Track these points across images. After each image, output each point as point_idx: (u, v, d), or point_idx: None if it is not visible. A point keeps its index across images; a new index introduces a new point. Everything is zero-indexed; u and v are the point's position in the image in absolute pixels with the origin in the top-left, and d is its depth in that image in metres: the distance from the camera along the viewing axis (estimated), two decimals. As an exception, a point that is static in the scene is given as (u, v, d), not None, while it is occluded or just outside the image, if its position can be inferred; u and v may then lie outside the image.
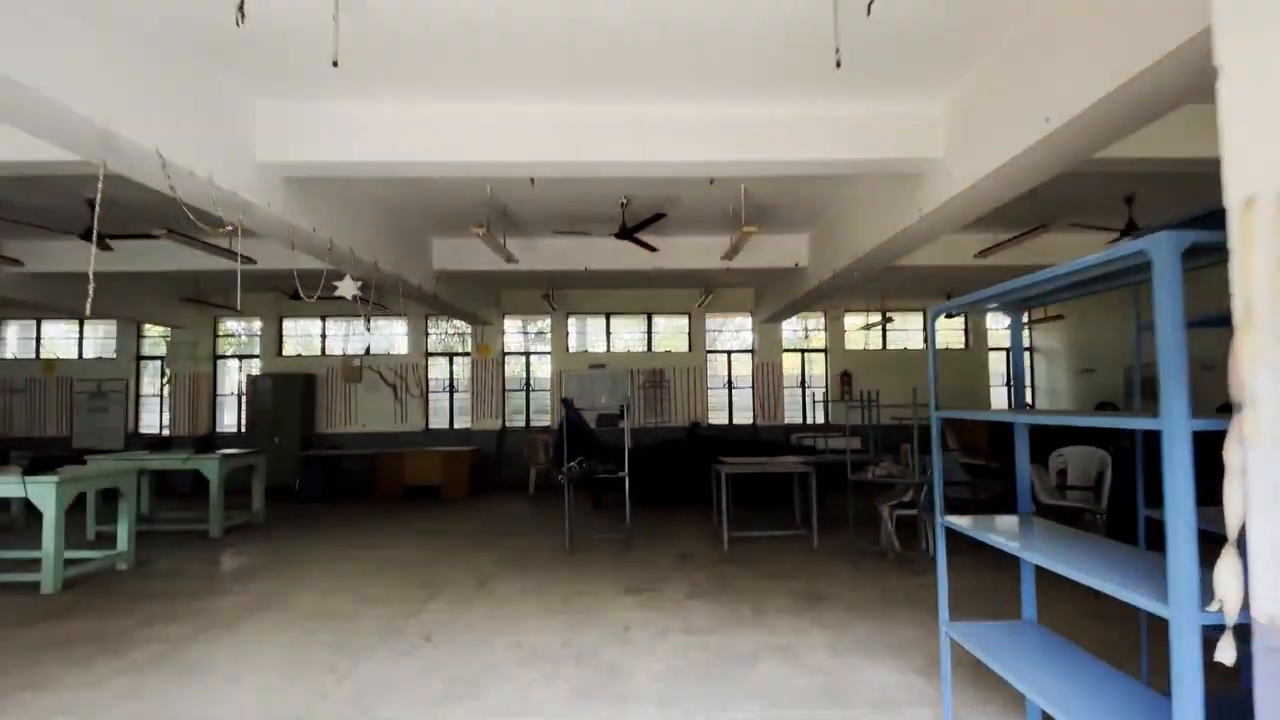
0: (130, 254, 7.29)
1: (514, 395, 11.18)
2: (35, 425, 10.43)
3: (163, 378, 10.79)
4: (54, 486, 4.75)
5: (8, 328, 10.71)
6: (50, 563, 4.70)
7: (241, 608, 4.41)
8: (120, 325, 10.74)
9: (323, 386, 10.80)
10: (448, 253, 7.63)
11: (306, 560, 5.77)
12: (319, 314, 10.98)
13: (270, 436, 10.05)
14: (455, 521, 7.58)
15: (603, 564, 5.47)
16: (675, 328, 11.37)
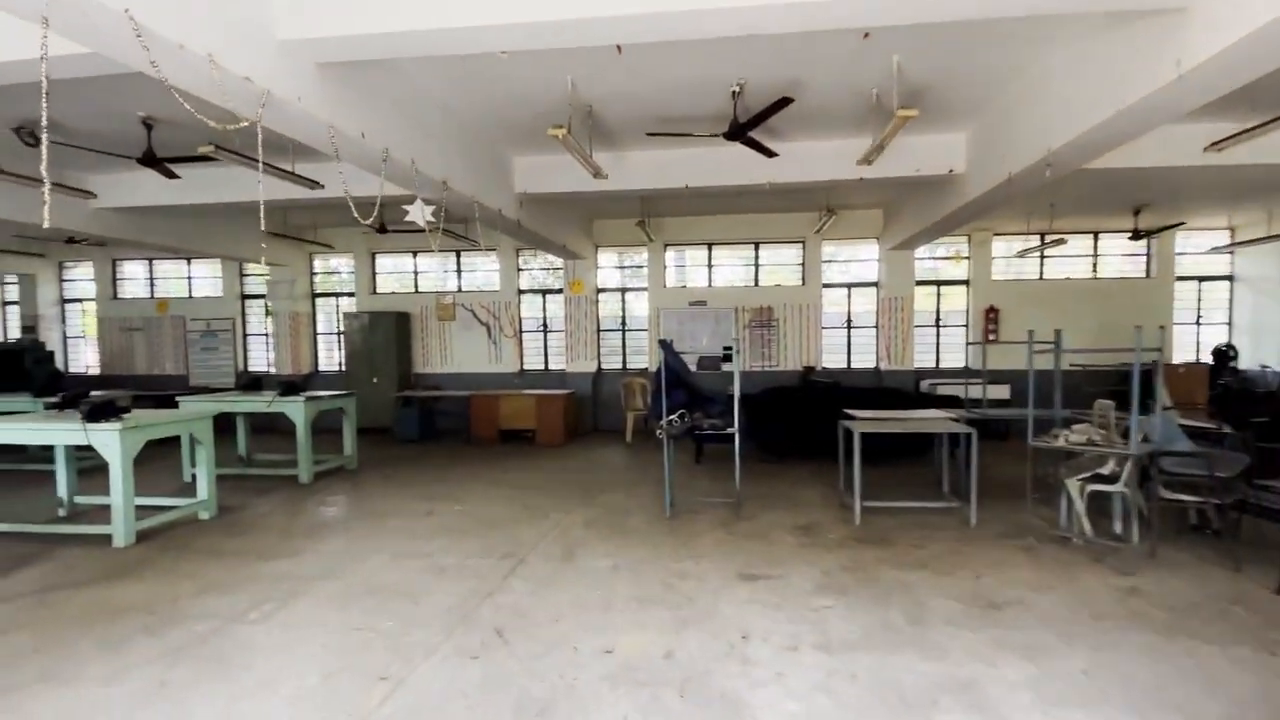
0: (203, 184, 6.92)
1: (609, 336, 10.36)
2: (155, 363, 10.88)
3: (266, 316, 10.86)
4: (117, 434, 4.41)
5: (123, 267, 11.11)
6: (120, 515, 4.42)
7: (305, 576, 3.90)
8: (224, 264, 10.84)
9: (417, 325, 10.47)
10: (530, 173, 6.69)
11: (387, 514, 5.29)
12: (410, 249, 10.54)
13: (368, 375, 9.89)
14: (548, 472, 6.94)
15: (708, 536, 4.56)
16: (786, 259, 9.97)
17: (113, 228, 7.44)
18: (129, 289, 11.18)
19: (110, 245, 10.26)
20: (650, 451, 8.00)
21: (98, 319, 11.09)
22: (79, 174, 6.86)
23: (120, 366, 10.92)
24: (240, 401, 6.56)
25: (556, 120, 4.94)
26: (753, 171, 6.25)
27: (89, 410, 4.44)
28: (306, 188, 5.86)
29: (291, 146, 5.89)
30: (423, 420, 9.31)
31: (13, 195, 6.31)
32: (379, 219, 9.06)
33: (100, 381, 10.65)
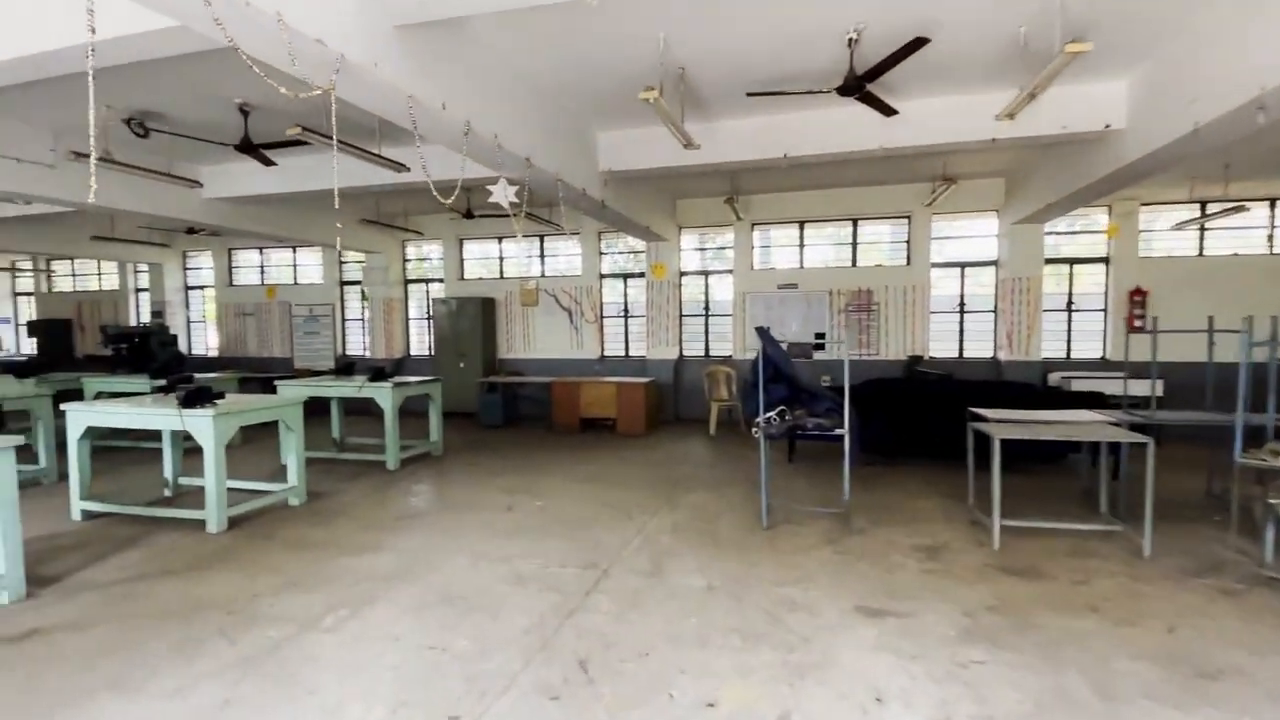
0: (299, 172, 6.91)
1: (691, 321, 9.79)
2: (264, 346, 11.37)
3: (362, 301, 11.07)
4: (210, 421, 4.33)
5: (237, 255, 11.63)
6: (213, 501, 4.36)
7: (383, 575, 3.64)
8: (325, 252, 11.11)
9: (502, 310, 10.33)
10: (615, 148, 6.19)
11: (468, 506, 5.03)
12: (495, 235, 10.38)
13: (455, 360, 9.85)
14: (629, 465, 6.52)
15: (814, 554, 3.95)
16: (889, 236, 8.98)
17: (222, 217, 7.62)
18: (242, 276, 11.72)
19: (225, 235, 10.74)
20: (736, 445, 7.41)
21: (216, 304, 11.71)
22: (189, 165, 7.01)
23: (235, 349, 11.50)
24: (332, 386, 6.53)
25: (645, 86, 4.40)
26: (863, 136, 5.47)
27: (184, 396, 4.39)
28: (392, 170, 5.64)
29: (378, 129, 5.71)
30: (506, 406, 9.14)
31: (131, 186, 6.50)
32: (465, 204, 8.94)
33: (217, 363, 11.25)
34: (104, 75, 4.94)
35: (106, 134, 5.65)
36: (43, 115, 5.47)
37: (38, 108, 5.32)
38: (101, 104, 5.31)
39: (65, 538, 4.32)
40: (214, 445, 4.33)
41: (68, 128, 5.66)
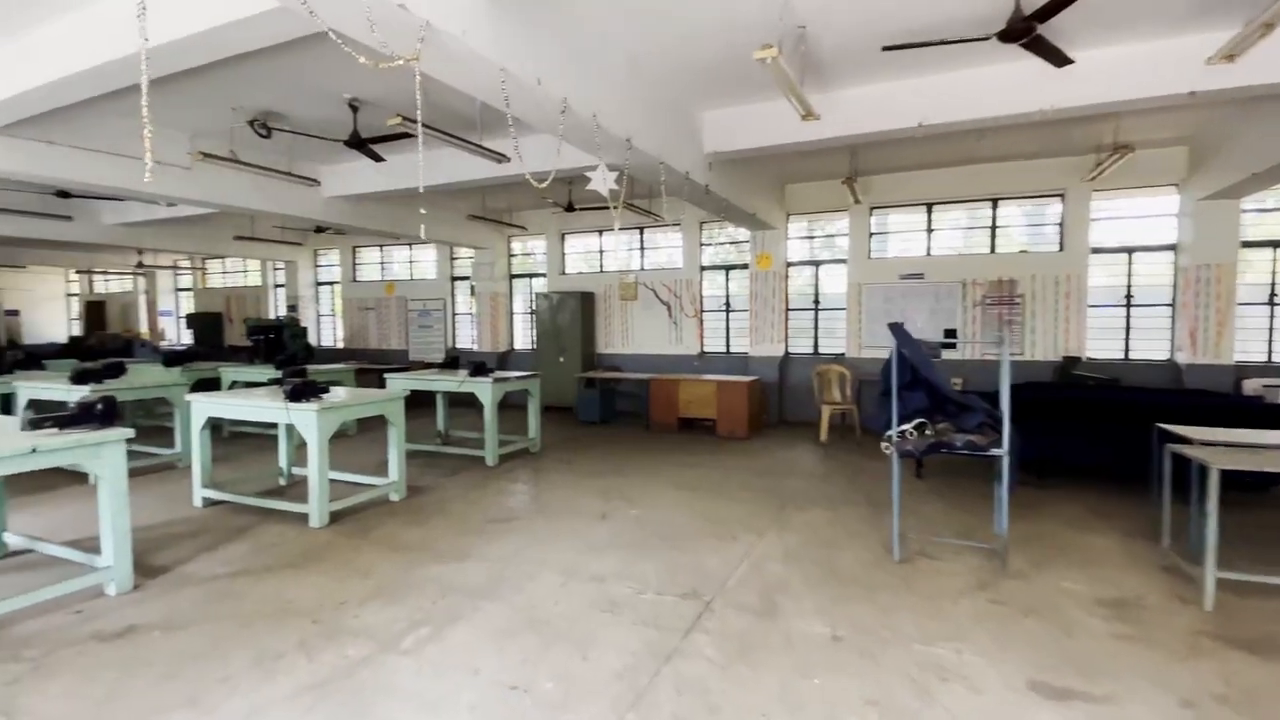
0: (409, 169, 6.88)
1: (798, 316, 9.00)
2: (383, 339, 11.84)
3: (471, 296, 11.22)
4: (315, 415, 4.27)
5: (360, 253, 12.18)
6: (315, 496, 4.30)
7: (470, 589, 3.35)
8: (438, 248, 11.36)
9: (601, 305, 10.05)
10: (721, 128, 5.60)
11: (562, 512, 4.69)
12: (595, 228, 10.11)
13: (556, 354, 9.70)
14: (730, 472, 5.95)
15: (964, 602, 3.22)
16: (1037, 218, 7.72)
17: (340, 214, 7.83)
18: (365, 273, 12.27)
19: (349, 233, 11.25)
20: (849, 454, 6.61)
21: (342, 299, 12.36)
22: (309, 164, 7.21)
23: (358, 341, 12.07)
24: (436, 380, 6.47)
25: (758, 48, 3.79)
26: (1020, 95, 4.53)
27: (291, 390, 4.37)
28: (493, 161, 5.40)
29: (479, 120, 5.50)
30: (603, 402, 8.84)
31: (259, 186, 6.76)
32: (566, 197, 8.71)
33: (341, 354, 11.85)
34: (227, 77, 5.07)
35: (232, 135, 5.83)
36: (179, 119, 5.72)
37: (174, 111, 5.56)
38: (227, 106, 5.46)
39: (183, 524, 4.43)
40: (317, 439, 4.26)
41: (200, 131, 5.91)
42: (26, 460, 2.90)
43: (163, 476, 5.73)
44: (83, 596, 3.19)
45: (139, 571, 3.51)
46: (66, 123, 5.17)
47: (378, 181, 7.19)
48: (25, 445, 2.88)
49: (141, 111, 2.32)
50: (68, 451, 3.05)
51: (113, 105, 5.29)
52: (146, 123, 2.35)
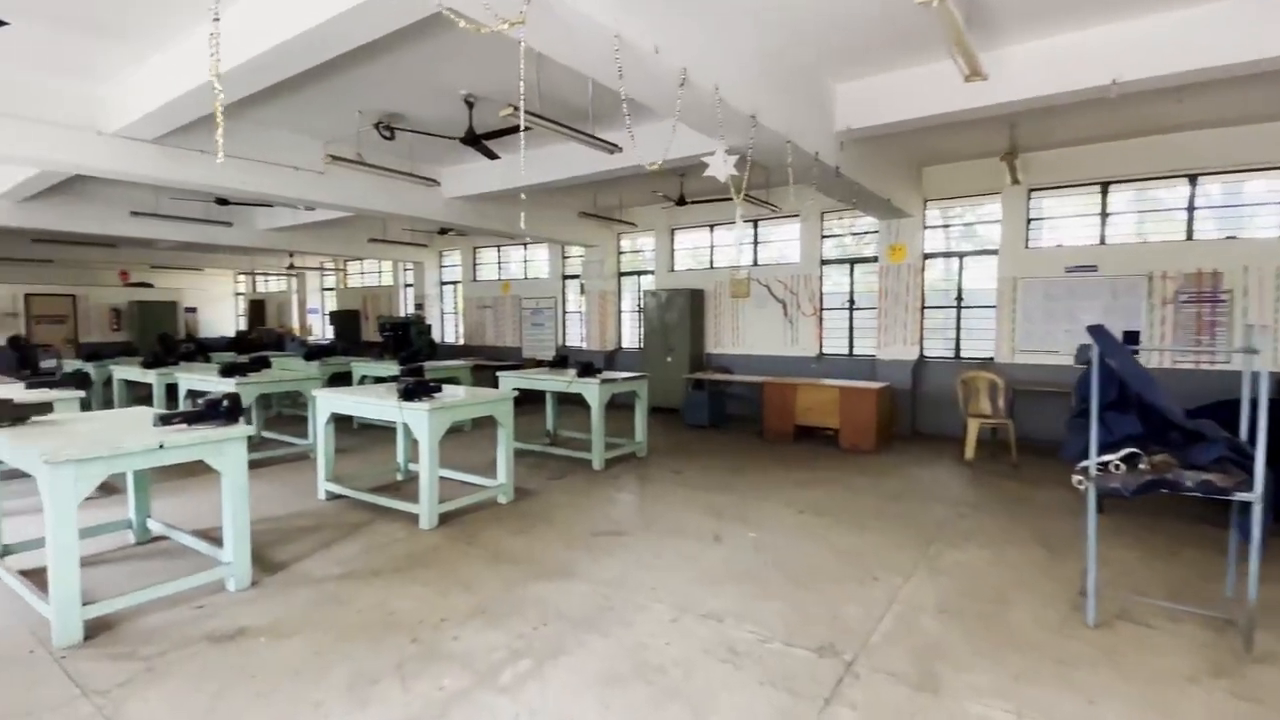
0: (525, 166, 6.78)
1: (935, 314, 7.98)
2: (499, 337, 12.09)
3: (581, 294, 11.15)
4: (426, 415, 4.16)
5: (480, 253, 12.52)
6: (425, 497, 4.20)
7: (574, 616, 3.02)
8: (550, 247, 11.41)
9: (710, 303, 9.56)
10: (857, 100, 4.91)
11: (672, 530, 4.28)
12: (707, 223, 9.62)
13: (663, 354, 9.34)
14: (860, 493, 5.25)
15: (1196, 694, 2.40)
16: (1253, 195, 6.24)
17: (459, 215, 7.94)
18: (483, 272, 12.62)
19: (469, 234, 11.59)
20: (1003, 478, 5.65)
21: (463, 298, 12.80)
22: (429, 166, 7.33)
23: (475, 338, 12.44)
24: (544, 380, 6.31)
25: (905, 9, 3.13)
26: (1256, 38, 3.49)
27: (404, 390, 4.30)
28: (605, 151, 5.09)
29: (590, 110, 5.22)
30: (713, 406, 8.34)
31: (384, 188, 6.96)
32: (678, 190, 8.30)
33: (461, 351, 12.26)
34: (352, 80, 5.14)
35: (359, 139, 5.97)
36: (311, 125, 5.95)
37: (306, 117, 5.77)
38: (354, 110, 5.58)
39: (306, 518, 4.51)
40: (428, 439, 4.16)
41: (329, 136, 6.11)
42: (153, 456, 2.93)
43: (297, 466, 6.00)
44: (205, 591, 3.22)
45: (259, 566, 3.54)
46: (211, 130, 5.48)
47: (492, 180, 7.17)
48: (154, 442, 2.91)
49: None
50: (193, 448, 3.06)
51: (253, 113, 5.59)
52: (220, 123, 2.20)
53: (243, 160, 5.78)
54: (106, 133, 4.88)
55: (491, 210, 8.36)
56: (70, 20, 3.85)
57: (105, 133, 4.88)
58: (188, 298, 16.39)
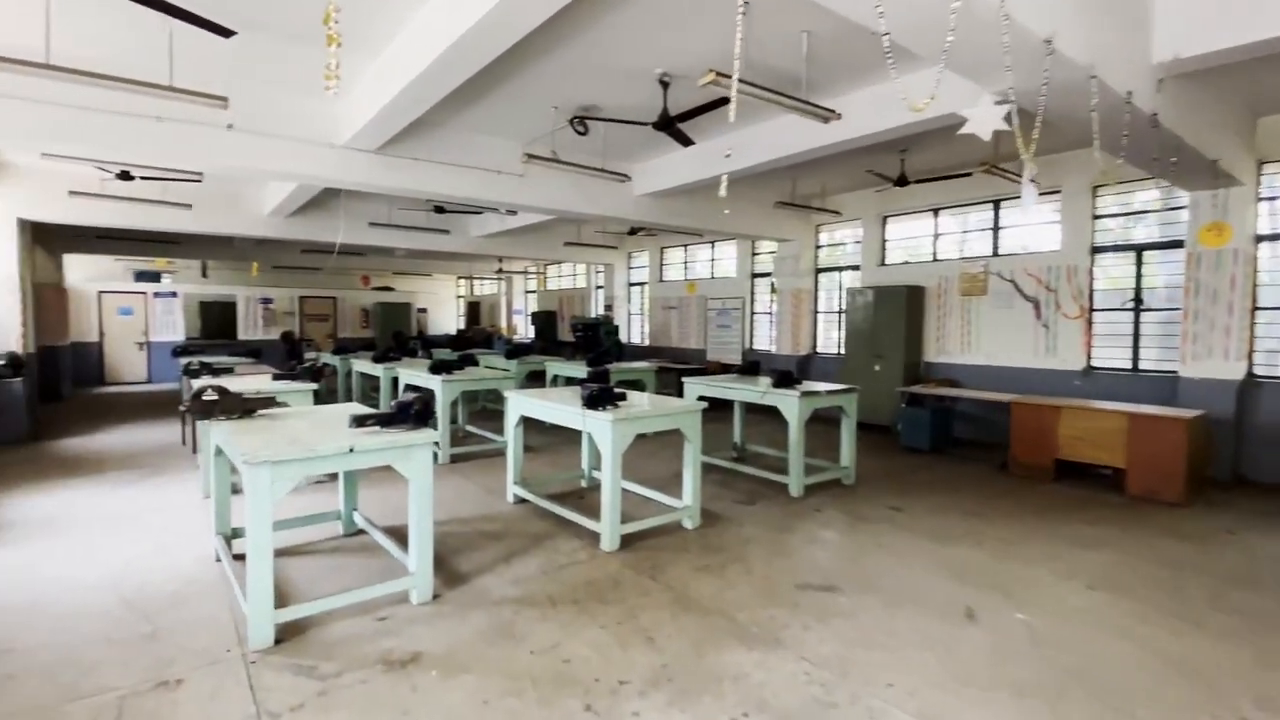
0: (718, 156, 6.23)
1: (1273, 316, 5.73)
2: (683, 338, 11.71)
3: (771, 294, 10.30)
4: (609, 426, 3.75)
5: (667, 253, 12.26)
6: (607, 515, 3.80)
7: (783, 713, 2.31)
8: (739, 245, 10.73)
9: (932, 301, 8.10)
10: (1187, 18, 3.46)
11: (901, 594, 3.34)
12: (931, 206, 8.18)
13: (868, 361, 8.13)
14: (1180, 565, 3.74)
15: None
16: None
17: (648, 212, 7.65)
18: (670, 272, 12.38)
19: (658, 234, 11.40)
20: None
21: (649, 299, 12.70)
22: (620, 162, 7.10)
23: (660, 339, 12.23)
24: (735, 388, 5.64)
25: None
26: None
27: (588, 397, 3.95)
28: (819, 119, 4.27)
29: (805, 77, 4.44)
30: (935, 426, 6.96)
31: (577, 186, 6.87)
32: (898, 169, 7.08)
33: (646, 351, 12.13)
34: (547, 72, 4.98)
35: (554, 138, 5.86)
36: (511, 128, 5.99)
37: (506, 120, 5.80)
38: (549, 107, 5.45)
39: (493, 522, 4.39)
40: (611, 452, 3.75)
41: (527, 137, 6.11)
42: (344, 460, 2.86)
43: (493, 464, 6.09)
44: (390, 600, 3.11)
45: (443, 575, 3.41)
46: (423, 139, 5.77)
47: (685, 172, 6.72)
48: (345, 445, 2.83)
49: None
50: (381, 452, 2.95)
51: (458, 118, 5.75)
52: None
53: (449, 165, 6.02)
54: (338, 145, 5.31)
55: (681, 206, 7.94)
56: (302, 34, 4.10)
57: (336, 145, 5.32)
58: (420, 299, 18.74)
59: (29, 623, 2.91)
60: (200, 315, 14.63)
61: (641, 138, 6.33)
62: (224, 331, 14.80)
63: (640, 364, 8.18)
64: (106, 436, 7.43)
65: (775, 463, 5.92)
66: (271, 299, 15.69)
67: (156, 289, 14.13)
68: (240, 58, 4.41)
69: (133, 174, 6.88)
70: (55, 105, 4.29)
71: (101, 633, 2.81)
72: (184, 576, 3.41)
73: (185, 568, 3.53)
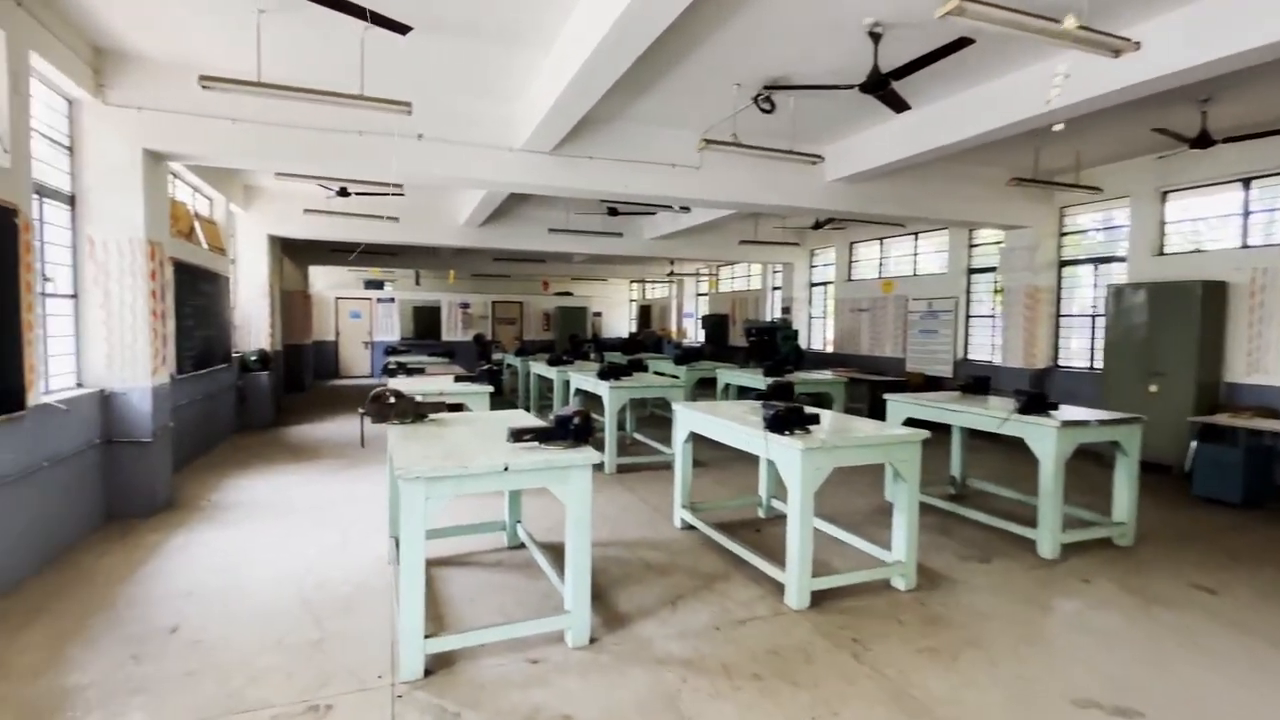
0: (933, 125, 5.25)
1: None
2: (876, 344, 10.38)
3: (994, 294, 8.68)
4: (799, 455, 3.10)
5: (857, 249, 11.03)
6: (795, 565, 3.14)
7: None
8: (952, 235, 9.23)
9: (1240, 303, 6.10)
10: None
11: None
12: (1238, 175, 6.18)
13: (1138, 381, 6.36)
14: None
15: None
16: None
17: (843, 200, 6.76)
18: (860, 270, 11.16)
19: (848, 228, 10.31)
20: None
21: (834, 300, 11.59)
22: (811, 144, 6.33)
23: (847, 345, 11.06)
24: (956, 411, 4.59)
25: None
26: None
27: (772, 418, 3.31)
28: (1104, 51, 3.18)
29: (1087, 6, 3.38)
30: (1250, 471, 5.14)
31: (758, 174, 6.26)
32: (1199, 123, 5.38)
33: (829, 359, 11.05)
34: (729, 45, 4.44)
35: (735, 121, 5.32)
36: (687, 117, 5.58)
37: (682, 109, 5.41)
38: (730, 86, 4.92)
39: (658, 550, 3.96)
40: (801, 490, 3.10)
41: (705, 124, 5.64)
42: (497, 479, 2.59)
43: (661, 477, 5.73)
44: (544, 640, 2.79)
45: (601, 612, 3.06)
46: (596, 137, 5.60)
47: (890, 149, 5.77)
48: (499, 463, 2.56)
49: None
50: (536, 473, 2.65)
51: (630, 110, 5.47)
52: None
53: (622, 162, 5.79)
54: (515, 149, 5.34)
55: (882, 191, 6.91)
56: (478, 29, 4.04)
57: (515, 149, 5.35)
58: (595, 303, 19.41)
59: (225, 610, 3.08)
60: (413, 318, 16.62)
61: (836, 113, 5.54)
62: (431, 333, 16.65)
63: (824, 374, 7.29)
64: (327, 425, 8.45)
65: (1011, 507, 4.76)
66: (469, 303, 17.30)
67: (379, 295, 16.37)
68: (421, 65, 4.55)
69: (349, 190, 7.70)
70: (270, 125, 4.76)
71: (277, 635, 2.85)
72: (358, 578, 3.46)
73: (362, 568, 3.61)
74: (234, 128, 4.69)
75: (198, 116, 4.60)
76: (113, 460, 4.44)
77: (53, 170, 4.16)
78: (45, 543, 3.67)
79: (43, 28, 3.71)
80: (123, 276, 4.47)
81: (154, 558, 3.77)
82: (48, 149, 4.12)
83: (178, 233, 6.03)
